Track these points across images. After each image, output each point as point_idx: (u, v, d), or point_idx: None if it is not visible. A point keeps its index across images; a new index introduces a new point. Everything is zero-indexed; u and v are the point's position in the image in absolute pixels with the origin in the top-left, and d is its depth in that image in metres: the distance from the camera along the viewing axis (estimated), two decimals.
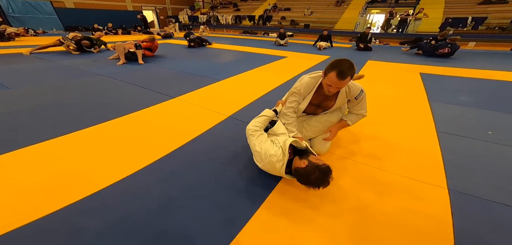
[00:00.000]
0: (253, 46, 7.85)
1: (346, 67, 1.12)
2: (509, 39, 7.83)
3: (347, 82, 1.17)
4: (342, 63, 1.13)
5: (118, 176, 1.27)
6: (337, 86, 1.18)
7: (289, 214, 1.04)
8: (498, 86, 3.14)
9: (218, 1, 20.24)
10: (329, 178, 1.01)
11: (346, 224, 0.99)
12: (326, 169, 1.01)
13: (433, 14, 9.61)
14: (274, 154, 1.10)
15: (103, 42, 6.18)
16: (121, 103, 2.39)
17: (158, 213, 1.05)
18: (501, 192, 1.16)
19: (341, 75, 1.12)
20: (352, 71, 1.14)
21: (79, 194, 1.13)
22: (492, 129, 1.83)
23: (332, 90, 1.22)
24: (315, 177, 1.01)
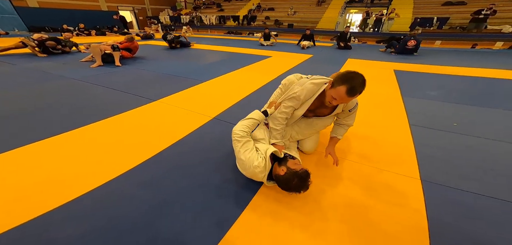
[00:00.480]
0: (237, 46, 7.81)
1: (358, 83, 1.00)
2: (469, 37, 8.72)
3: (355, 99, 1.10)
4: (355, 79, 1.01)
5: (95, 183, 1.21)
6: (344, 102, 1.10)
7: (274, 214, 1.05)
8: (461, 81, 3.47)
9: (201, 1, 19.81)
10: (307, 182, 1.04)
11: (327, 220, 1.03)
12: (304, 174, 1.04)
13: (404, 14, 10.36)
14: (257, 165, 1.10)
15: (74, 43, 5.73)
16: (96, 108, 2.25)
17: (140, 220, 1.01)
18: (467, 181, 1.26)
19: (351, 92, 1.01)
20: (362, 88, 1.02)
21: (53, 203, 1.06)
22: (456, 121, 2.02)
23: (335, 103, 1.14)
24: (294, 183, 1.04)
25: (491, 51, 7.17)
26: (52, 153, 1.49)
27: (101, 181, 1.23)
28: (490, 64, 4.81)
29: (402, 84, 3.20)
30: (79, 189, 1.17)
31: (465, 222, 1.01)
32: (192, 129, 1.84)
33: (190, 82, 3.21)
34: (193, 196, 1.16)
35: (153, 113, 2.19)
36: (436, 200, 1.13)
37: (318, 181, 1.26)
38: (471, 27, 8.83)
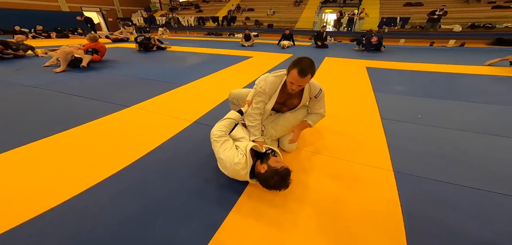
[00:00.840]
0: (218, 47, 7.69)
1: (306, 65, 1.17)
2: (427, 36, 9.76)
3: (308, 79, 1.21)
4: (303, 61, 1.18)
5: (61, 198, 1.11)
6: (299, 84, 1.22)
7: (259, 215, 1.05)
8: (422, 76, 3.87)
9: (178, 2, 19.06)
10: (287, 181, 1.06)
11: (310, 217, 1.05)
12: (283, 172, 1.05)
13: (372, 14, 11.21)
14: (238, 162, 1.10)
15: (29, 47, 5.10)
16: (60, 117, 2.04)
17: (119, 229, 0.95)
18: (433, 169, 1.38)
19: (302, 73, 1.17)
20: (312, 69, 1.19)
21: (15, 220, 0.97)
22: (421, 113, 2.24)
23: (294, 88, 1.25)
24: (274, 181, 1.05)
25: (445, 48, 8.11)
26: (11, 168, 1.33)
27: (69, 195, 1.13)
28: (445, 60, 5.44)
29: (374, 80, 3.45)
30: (44, 205, 1.07)
31: (437, 210, 1.08)
32: (171, 135, 1.76)
33: (168, 86, 3.07)
34: (176, 202, 1.12)
35: (127, 120, 2.05)
36: (409, 190, 1.21)
37: (300, 178, 1.29)
38: (428, 27, 9.91)
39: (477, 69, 4.31)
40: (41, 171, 1.34)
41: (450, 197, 1.17)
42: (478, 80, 3.55)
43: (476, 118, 2.15)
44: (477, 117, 2.17)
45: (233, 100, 1.71)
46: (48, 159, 1.46)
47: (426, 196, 1.17)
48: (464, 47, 8.38)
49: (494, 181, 1.28)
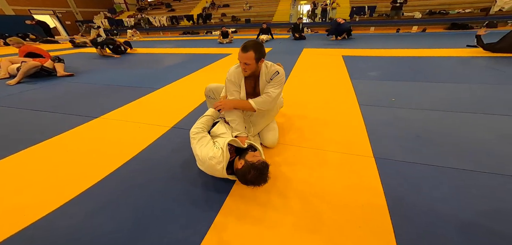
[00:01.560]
0: (195, 46, 7.37)
1: (249, 42, 1.25)
2: (394, 23, 10.50)
3: (251, 56, 1.23)
4: (247, 41, 1.26)
5: (25, 221, 0.99)
6: (243, 60, 1.26)
7: (244, 215, 0.98)
8: (392, 61, 4.12)
9: (146, 2, 17.80)
10: (265, 175, 1.04)
11: (294, 213, 1.01)
12: (260, 166, 1.04)
13: (343, 3, 11.69)
14: (213, 156, 1.06)
15: None
16: (17, 136, 1.77)
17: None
18: (410, 152, 1.41)
19: (243, 49, 1.23)
20: (256, 47, 1.24)
21: None
22: (393, 96, 2.36)
23: (243, 67, 1.30)
24: (251, 176, 1.03)
25: (410, 34, 8.80)
26: None
27: (35, 217, 1.02)
28: (411, 44, 5.89)
29: (350, 68, 3.58)
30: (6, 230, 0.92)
31: (418, 193, 1.10)
32: (148, 143, 1.62)
33: (141, 91, 2.82)
34: (156, 214, 1.03)
35: (95, 132, 1.84)
36: (390, 176, 1.22)
37: (284, 173, 1.25)
38: (392, 14, 10.64)
39: (440, 51, 4.73)
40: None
41: (429, 178, 1.20)
42: (444, 61, 3.88)
43: (445, 97, 2.31)
44: (446, 96, 2.33)
45: (209, 93, 1.69)
46: (4, 182, 1.24)
47: (406, 181, 1.19)
48: (426, 32, 9.18)
49: (468, 158, 1.34)
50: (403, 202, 1.06)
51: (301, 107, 2.21)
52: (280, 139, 1.61)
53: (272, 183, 1.19)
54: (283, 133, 1.71)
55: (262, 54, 1.28)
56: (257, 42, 1.27)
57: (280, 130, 1.71)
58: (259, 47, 1.25)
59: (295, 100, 2.36)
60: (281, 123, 1.86)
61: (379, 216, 0.99)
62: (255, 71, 1.34)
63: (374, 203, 1.06)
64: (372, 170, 1.28)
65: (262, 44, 1.28)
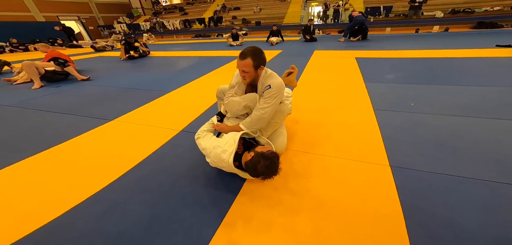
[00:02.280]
0: (206, 49, 7.51)
1: (247, 49, 1.20)
2: (412, 23, 9.96)
3: (248, 63, 1.19)
4: (247, 47, 1.22)
5: (37, 223, 1.04)
6: (241, 68, 1.22)
7: (253, 220, 0.96)
8: (411, 63, 3.88)
9: (161, 6, 18.57)
10: (276, 165, 1.03)
11: (305, 221, 0.97)
12: (270, 154, 1.02)
13: (356, 4, 11.30)
14: (218, 145, 1.10)
15: (5, 62, 4.78)
16: (37, 138, 1.87)
17: None
18: (430, 160, 1.31)
19: (241, 56, 1.20)
20: (255, 55, 1.19)
21: None
22: (412, 100, 2.20)
23: (242, 75, 1.26)
24: (261, 166, 1.01)
25: (431, 34, 8.29)
26: None
27: (47, 219, 1.06)
28: (432, 45, 5.53)
29: (364, 71, 3.42)
30: (20, 231, 1.00)
31: (437, 205, 1.02)
32: (157, 146, 1.65)
33: (153, 94, 2.90)
34: (164, 216, 1.04)
35: (109, 134, 1.90)
36: (407, 185, 1.14)
37: (295, 179, 1.21)
38: (411, 14, 10.10)
39: (466, 52, 4.38)
40: (15, 196, 1.22)
41: (449, 189, 1.11)
42: (469, 63, 3.59)
43: (471, 101, 2.12)
44: (472, 100, 2.14)
45: (220, 94, 1.68)
46: (21, 184, 1.32)
47: (425, 191, 1.11)
48: (449, 32, 8.60)
49: (493, 168, 1.23)
50: (421, 214, 0.98)
51: (311, 111, 2.14)
52: (289, 145, 1.56)
53: (282, 188, 1.17)
54: (293, 138, 1.66)
55: (261, 61, 1.21)
56: (256, 48, 1.21)
57: (289, 135, 1.66)
58: (258, 54, 1.19)
59: (305, 104, 2.29)
60: (291, 128, 1.81)
61: (394, 227, 0.93)
62: (254, 79, 1.28)
63: (389, 214, 0.99)
64: (388, 179, 1.20)
65: (261, 51, 1.22)
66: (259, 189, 1.17)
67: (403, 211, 0.99)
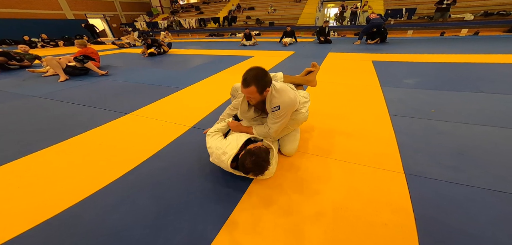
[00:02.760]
0: (219, 48, 7.64)
1: (249, 75, 1.10)
2: (437, 26, 9.32)
3: (253, 91, 1.10)
4: (247, 72, 1.11)
5: (54, 211, 1.10)
6: (246, 94, 1.17)
7: (263, 223, 0.95)
8: (433, 68, 3.64)
9: (179, 5, 19.20)
10: (262, 159, 1.03)
11: (317, 228, 0.95)
12: (256, 150, 1.03)
13: (376, 6, 10.81)
14: (220, 146, 1.16)
15: (35, 56, 5.22)
16: (58, 127, 2.01)
17: (114, 242, 0.92)
18: (448, 170, 1.24)
19: (244, 83, 1.12)
20: (257, 80, 1.09)
21: (8, 234, 0.96)
22: (433, 107, 2.06)
23: (248, 98, 1.22)
24: (248, 162, 1.02)
25: (458, 37, 7.71)
26: (9, 178, 1.31)
27: (63, 207, 1.12)
28: (458, 50, 5.14)
29: (381, 75, 3.27)
30: (37, 217, 1.05)
31: (453, 217, 0.97)
32: (168, 141, 1.70)
33: (167, 90, 3.01)
34: (176, 208, 1.08)
35: (125, 127, 2.00)
36: (422, 195, 1.09)
37: (307, 184, 1.19)
38: (437, 17, 9.45)
39: (496, 57, 4.02)
40: (35, 183, 1.31)
41: (468, 201, 1.04)
42: (497, 68, 3.29)
43: (499, 110, 1.94)
44: (500, 109, 1.97)
45: (234, 92, 1.72)
46: (43, 171, 1.42)
47: (441, 201, 1.04)
48: (479, 35, 7.93)
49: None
50: (434, 225, 0.93)
51: (324, 114, 2.09)
52: (301, 148, 1.54)
53: (291, 190, 1.16)
54: (306, 141, 1.63)
55: (266, 84, 1.13)
56: (258, 72, 1.10)
57: (303, 138, 1.64)
58: (260, 79, 1.10)
59: (318, 107, 2.24)
60: (304, 130, 1.78)
61: (406, 237, 0.88)
62: (261, 100, 1.23)
63: (401, 223, 0.94)
64: (401, 187, 1.14)
65: (264, 73, 1.12)
66: (266, 191, 1.17)
67: (416, 221, 0.95)
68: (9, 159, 1.54)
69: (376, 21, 6.54)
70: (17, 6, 11.59)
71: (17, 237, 0.96)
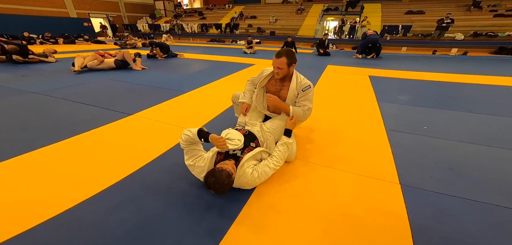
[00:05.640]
0: (221, 54, 7.77)
1: (283, 49, 1.45)
2: (430, 44, 9.78)
3: (283, 61, 1.42)
4: (282, 48, 1.48)
5: (55, 211, 1.09)
6: (276, 65, 1.45)
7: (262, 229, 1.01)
8: (426, 85, 3.84)
9: (182, 9, 19.50)
10: (220, 184, 1.05)
11: (314, 234, 1.01)
12: (218, 174, 1.05)
13: (374, 22, 11.30)
14: (193, 164, 1.23)
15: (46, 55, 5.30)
16: (58, 126, 2.03)
17: (117, 243, 0.93)
18: (440, 183, 1.34)
19: (277, 55, 1.43)
20: (289, 55, 1.43)
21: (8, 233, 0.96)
22: (425, 124, 2.20)
23: (276, 71, 1.47)
24: (209, 181, 1.07)
25: (448, 57, 8.10)
26: (8, 177, 1.30)
27: (64, 207, 1.11)
28: (449, 69, 5.42)
29: (377, 90, 3.43)
30: (37, 217, 1.05)
31: (445, 225, 1.05)
32: (171, 145, 1.73)
33: (170, 93, 3.07)
34: (176, 212, 1.11)
35: (128, 128, 2.04)
36: (416, 204, 1.17)
37: (305, 192, 1.26)
38: (435, 35, 9.91)
39: (483, 78, 4.27)
40: (34, 182, 1.30)
41: (459, 212, 1.13)
42: (485, 90, 3.51)
43: (485, 130, 2.10)
44: (486, 129, 2.12)
45: (235, 100, 1.85)
46: (43, 171, 1.41)
47: (434, 211, 1.14)
48: (467, 55, 8.36)
49: (505, 195, 1.23)
50: (429, 231, 1.02)
51: (322, 124, 2.19)
52: (299, 155, 1.62)
53: (290, 199, 1.21)
54: (303, 149, 1.71)
55: (293, 60, 1.46)
56: (289, 49, 1.45)
57: (300, 145, 1.72)
58: (291, 54, 1.44)
59: (316, 117, 2.34)
60: (303, 139, 1.87)
61: (401, 243, 0.96)
62: (286, 74, 1.51)
63: (397, 231, 1.02)
64: (397, 196, 1.24)
65: (293, 52, 1.46)
66: (266, 199, 1.21)
67: (411, 229, 1.03)
68: (9, 155, 1.53)
69: (372, 37, 6.86)
70: (20, 2, 11.57)
71: (17, 236, 0.96)
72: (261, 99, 1.67)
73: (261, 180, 1.22)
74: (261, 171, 1.20)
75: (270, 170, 1.24)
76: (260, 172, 1.19)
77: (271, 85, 1.61)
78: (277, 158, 1.28)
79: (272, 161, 1.27)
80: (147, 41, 7.89)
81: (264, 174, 1.21)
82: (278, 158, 1.29)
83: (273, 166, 1.26)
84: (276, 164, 1.27)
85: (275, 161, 1.28)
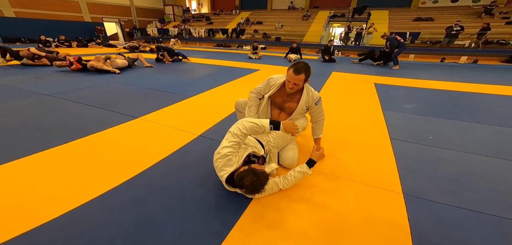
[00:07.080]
0: (226, 59, 7.90)
1: (301, 65, 1.37)
2: (439, 52, 9.60)
3: (301, 78, 1.36)
4: (298, 63, 1.39)
5: (63, 209, 1.13)
6: (294, 82, 1.38)
7: (261, 235, 1.02)
8: (433, 94, 3.77)
9: (190, 14, 20.03)
10: (262, 183, 1.06)
11: (313, 237, 1.02)
12: (261, 173, 1.07)
13: (381, 28, 11.21)
14: (222, 165, 1.16)
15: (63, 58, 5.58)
16: (68, 128, 2.11)
17: (121, 242, 0.96)
18: (444, 193, 1.33)
19: (296, 71, 1.35)
20: (306, 70, 1.36)
21: (17, 230, 1.00)
22: (431, 134, 2.16)
23: (291, 86, 1.41)
24: (248, 179, 1.04)
25: (457, 65, 7.91)
26: (17, 176, 1.37)
27: (70, 207, 1.15)
28: (458, 77, 5.30)
29: (382, 98, 3.40)
30: (44, 216, 1.09)
31: (448, 236, 1.05)
32: (175, 148, 1.78)
33: (175, 97, 3.15)
34: (179, 215, 1.13)
35: (134, 131, 2.10)
36: (419, 214, 1.17)
37: (307, 199, 1.26)
38: (444, 42, 9.72)
39: (492, 88, 4.16)
40: (39, 184, 1.34)
41: (463, 223, 1.12)
42: (495, 100, 3.41)
43: (492, 141, 2.04)
44: (493, 140, 2.07)
45: (238, 107, 1.83)
46: (49, 172, 1.45)
47: (437, 221, 1.13)
48: (477, 64, 8.14)
49: (510, 207, 1.20)
50: (430, 242, 1.01)
51: (325, 132, 2.13)
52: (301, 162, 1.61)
53: (291, 206, 1.22)
54: (305, 157, 1.71)
55: (309, 76, 1.42)
56: (306, 64, 1.39)
57: (303, 153, 1.73)
58: (308, 69, 1.38)
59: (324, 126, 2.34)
60: (304, 146, 1.88)
61: None
62: (299, 89, 1.48)
63: (398, 239, 1.02)
64: (400, 206, 1.23)
65: (310, 66, 1.40)
66: (267, 205, 1.22)
67: (412, 239, 1.02)
68: (18, 156, 1.59)
69: (387, 54, 6.75)
70: (37, 7, 12.23)
71: (21, 235, 0.99)
72: (266, 109, 1.64)
73: (266, 194, 1.27)
74: (269, 187, 1.23)
75: (277, 188, 1.29)
76: (268, 187, 1.22)
77: (278, 96, 1.56)
78: (288, 183, 1.29)
79: (283, 183, 1.29)
80: (154, 46, 8.20)
81: (271, 190, 1.26)
82: (290, 182, 1.30)
83: (282, 187, 1.30)
84: (284, 186, 1.30)
85: (286, 183, 1.29)
